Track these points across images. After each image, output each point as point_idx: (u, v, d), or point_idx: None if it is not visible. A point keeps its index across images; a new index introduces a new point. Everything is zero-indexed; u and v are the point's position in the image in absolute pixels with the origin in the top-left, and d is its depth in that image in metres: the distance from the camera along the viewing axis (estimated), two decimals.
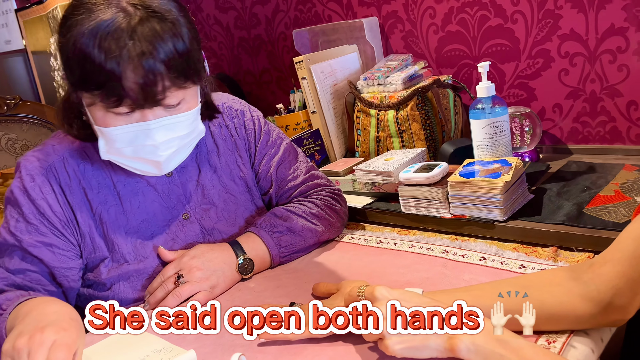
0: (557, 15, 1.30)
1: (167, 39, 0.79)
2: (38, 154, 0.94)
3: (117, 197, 0.95)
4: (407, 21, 1.55)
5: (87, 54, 0.77)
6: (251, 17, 1.95)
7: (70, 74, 0.81)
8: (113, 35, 0.76)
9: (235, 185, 1.06)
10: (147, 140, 0.85)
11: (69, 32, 0.79)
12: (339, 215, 1.10)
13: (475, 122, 1.14)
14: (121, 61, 0.76)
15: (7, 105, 1.51)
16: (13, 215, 0.91)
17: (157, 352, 0.77)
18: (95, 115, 0.84)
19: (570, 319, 0.68)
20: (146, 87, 0.79)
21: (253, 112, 1.12)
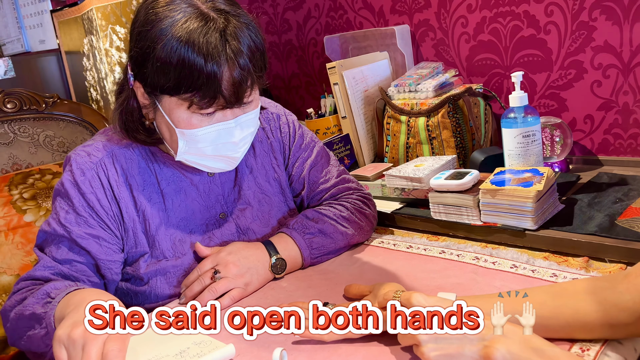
0: (592, 27, 1.30)
1: (249, 37, 0.85)
2: (88, 149, 0.97)
3: (160, 195, 0.98)
4: (439, 29, 1.56)
5: (186, 60, 0.81)
6: (283, 22, 1.98)
7: (162, 81, 0.84)
8: (208, 40, 0.81)
9: (269, 187, 1.09)
10: (229, 138, 0.90)
11: (158, 40, 0.82)
12: (368, 219, 1.11)
13: (507, 131, 1.15)
14: (221, 62, 0.81)
15: (46, 103, 1.55)
16: (63, 207, 0.94)
17: (197, 344, 0.79)
18: (178, 118, 0.87)
19: (605, 327, 0.68)
20: (239, 85, 0.84)
21: (288, 115, 1.15)
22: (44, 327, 0.81)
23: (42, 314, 0.82)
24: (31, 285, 0.90)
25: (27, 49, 3.22)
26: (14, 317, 0.87)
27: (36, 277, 0.91)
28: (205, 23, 0.82)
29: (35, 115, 1.53)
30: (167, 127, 0.91)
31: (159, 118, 0.92)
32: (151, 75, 0.85)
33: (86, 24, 2.33)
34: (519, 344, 0.63)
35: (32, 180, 1.43)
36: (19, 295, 0.89)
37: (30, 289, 0.89)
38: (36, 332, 0.83)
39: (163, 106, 0.88)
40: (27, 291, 0.88)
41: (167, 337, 0.82)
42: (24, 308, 0.85)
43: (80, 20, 2.40)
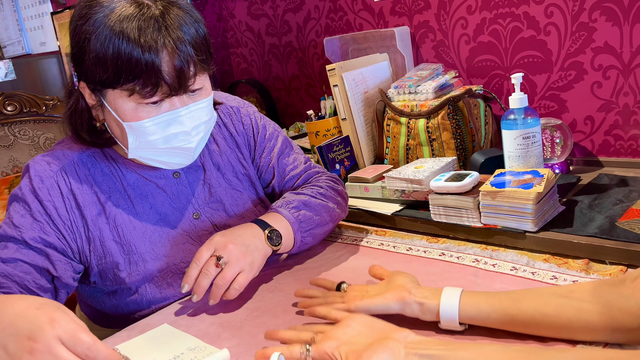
0: (592, 28, 1.30)
1: (190, 24, 0.85)
2: (48, 158, 0.95)
3: (128, 200, 0.97)
4: (439, 31, 1.56)
5: (121, 50, 0.80)
6: (282, 24, 1.98)
7: (100, 73, 0.83)
8: (143, 28, 0.80)
9: (239, 182, 1.09)
10: (179, 127, 0.88)
11: (92, 32, 0.81)
12: (342, 196, 1.14)
13: (507, 132, 1.14)
14: (158, 49, 0.81)
15: (46, 105, 1.55)
16: (18, 211, 0.90)
17: (192, 350, 0.79)
18: (125, 111, 0.85)
19: (607, 330, 0.68)
20: (181, 72, 0.83)
21: (248, 107, 1.14)
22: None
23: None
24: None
25: (27, 51, 3.22)
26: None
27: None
28: (140, 10, 0.81)
29: (35, 117, 1.53)
30: (116, 124, 0.89)
31: (107, 116, 0.90)
32: (90, 69, 0.83)
33: None
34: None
35: None
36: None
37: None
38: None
39: (108, 101, 0.87)
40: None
41: (161, 343, 0.82)
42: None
43: None
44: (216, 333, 0.86)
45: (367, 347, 0.66)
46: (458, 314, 0.74)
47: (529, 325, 0.71)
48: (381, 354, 0.64)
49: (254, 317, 0.89)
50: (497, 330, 0.74)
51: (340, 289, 0.88)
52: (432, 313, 0.76)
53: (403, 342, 0.66)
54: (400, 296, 0.78)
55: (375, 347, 0.65)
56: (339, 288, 0.89)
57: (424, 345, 0.65)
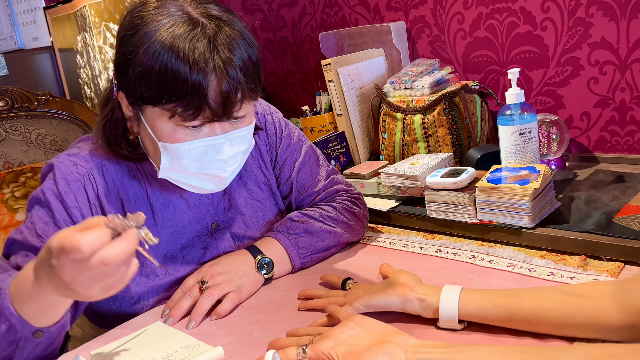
0: (588, 23, 1.29)
1: (243, 47, 0.79)
2: (75, 159, 0.90)
3: (150, 209, 0.93)
4: (435, 26, 1.55)
5: (169, 67, 0.75)
6: (277, 19, 1.97)
7: (142, 88, 0.78)
8: (194, 47, 0.75)
9: (260, 192, 1.06)
10: (216, 155, 0.83)
11: (140, 45, 0.77)
12: (358, 219, 1.09)
13: (503, 128, 1.14)
14: (207, 71, 0.76)
15: (38, 100, 1.54)
16: (41, 217, 0.85)
17: (185, 348, 0.78)
18: (162, 130, 0.81)
19: (608, 326, 0.67)
20: (228, 98, 0.78)
21: (274, 113, 1.10)
22: (2, 321, 0.70)
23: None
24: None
25: (20, 46, 3.19)
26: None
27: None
28: (193, 28, 0.77)
29: (27, 113, 1.52)
30: (151, 141, 0.85)
31: (143, 131, 0.86)
32: (132, 82, 0.79)
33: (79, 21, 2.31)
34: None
35: (24, 179, 1.41)
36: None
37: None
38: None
39: (146, 117, 0.82)
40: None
41: (154, 340, 0.81)
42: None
43: (74, 17, 2.38)
44: (210, 331, 0.85)
45: (365, 349, 0.65)
46: (458, 311, 0.74)
47: (529, 320, 0.71)
48: (381, 357, 0.64)
49: (249, 314, 0.88)
50: (497, 330, 0.74)
51: (346, 286, 0.88)
52: (432, 309, 0.76)
53: (403, 346, 0.65)
54: (401, 292, 0.78)
55: (375, 349, 0.65)
56: (344, 284, 0.89)
57: (424, 349, 0.65)
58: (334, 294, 0.87)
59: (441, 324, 0.76)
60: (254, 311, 0.89)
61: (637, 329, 0.66)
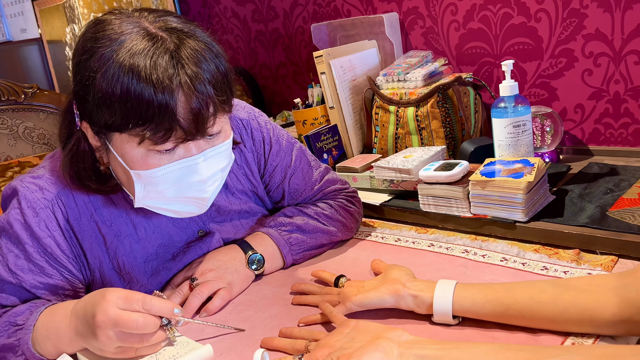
0: (583, 14, 1.28)
1: (210, 59, 0.74)
2: (40, 182, 0.84)
3: (131, 226, 0.89)
4: (428, 17, 1.53)
5: (131, 90, 0.70)
6: (269, 10, 1.94)
7: (106, 115, 0.73)
8: (156, 64, 0.70)
9: (248, 198, 1.03)
10: (194, 177, 0.78)
11: (97, 70, 0.71)
12: (353, 217, 1.08)
13: (497, 120, 1.12)
14: (173, 89, 0.70)
15: (25, 94, 1.51)
16: (12, 250, 0.82)
17: (174, 346, 0.77)
18: (132, 158, 0.76)
19: (603, 321, 0.66)
20: (199, 114, 0.73)
21: (259, 117, 1.03)
22: (19, 354, 0.76)
23: (14, 342, 0.76)
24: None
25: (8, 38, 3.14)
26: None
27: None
28: (153, 44, 0.71)
29: (14, 106, 1.49)
30: (123, 170, 0.79)
31: (113, 161, 0.80)
32: (94, 110, 0.73)
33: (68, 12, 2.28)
34: None
35: (12, 173, 1.39)
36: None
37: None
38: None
39: (114, 146, 0.77)
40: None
41: None
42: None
43: (62, 8, 2.34)
44: (199, 328, 0.83)
45: (359, 348, 0.64)
46: (452, 306, 0.73)
47: (524, 315, 0.70)
48: (373, 352, 0.63)
49: (239, 311, 0.87)
50: (490, 325, 0.73)
51: (339, 283, 0.87)
52: (426, 305, 0.75)
53: (397, 341, 0.65)
54: (394, 289, 0.77)
55: (367, 346, 0.64)
56: (338, 281, 0.87)
57: (419, 344, 0.64)
58: (328, 292, 0.86)
59: (435, 319, 0.75)
60: (244, 308, 0.88)
61: (632, 323, 0.65)
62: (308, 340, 0.73)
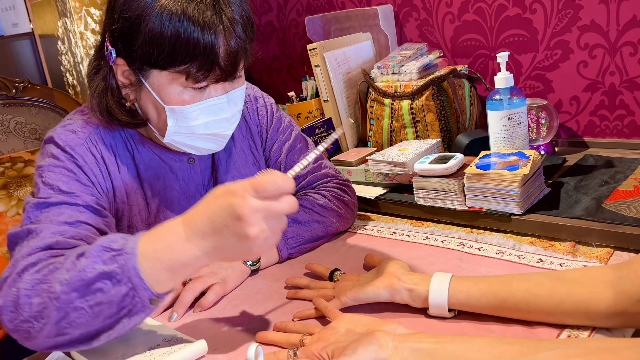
0: (578, 5, 1.27)
1: (239, 5, 0.81)
2: (72, 127, 0.89)
3: (139, 181, 0.93)
4: (423, 9, 1.52)
5: (180, 30, 0.76)
6: (263, 3, 1.93)
7: (154, 53, 0.78)
8: (202, 8, 0.76)
9: (249, 172, 1.05)
10: (221, 114, 0.85)
11: (146, 9, 0.77)
12: (348, 207, 1.08)
13: (492, 113, 1.12)
14: (218, 32, 0.77)
15: (16, 88, 1.49)
16: (60, 178, 0.83)
17: (167, 341, 0.76)
18: (169, 94, 0.82)
19: (598, 313, 0.66)
20: (236, 56, 0.80)
21: (265, 97, 1.11)
22: (123, 283, 0.65)
23: (115, 269, 0.65)
24: (49, 258, 0.72)
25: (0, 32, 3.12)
26: (48, 293, 0.67)
27: (48, 246, 0.74)
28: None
29: (5, 101, 1.47)
30: (155, 106, 0.85)
31: (145, 97, 0.85)
32: (141, 48, 0.79)
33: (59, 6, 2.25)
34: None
35: (3, 169, 1.38)
36: (37, 273, 0.69)
37: (51, 261, 0.71)
38: (109, 293, 0.66)
39: (151, 83, 0.82)
40: (49, 264, 0.70)
41: (136, 333, 0.79)
42: (76, 273, 0.66)
43: (54, 2, 2.32)
44: (193, 323, 0.83)
45: (353, 341, 0.64)
46: (447, 300, 0.73)
47: (519, 308, 0.70)
48: (367, 345, 0.62)
49: (233, 305, 0.86)
50: (485, 318, 0.72)
51: (333, 277, 0.86)
52: (421, 299, 0.75)
53: (392, 334, 0.64)
54: (389, 283, 0.77)
55: (362, 340, 0.64)
56: (332, 275, 0.87)
57: (415, 338, 0.64)
58: (322, 286, 0.86)
59: (431, 313, 0.75)
60: (239, 302, 0.87)
61: (628, 315, 0.65)
62: (303, 335, 0.72)
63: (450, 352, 0.61)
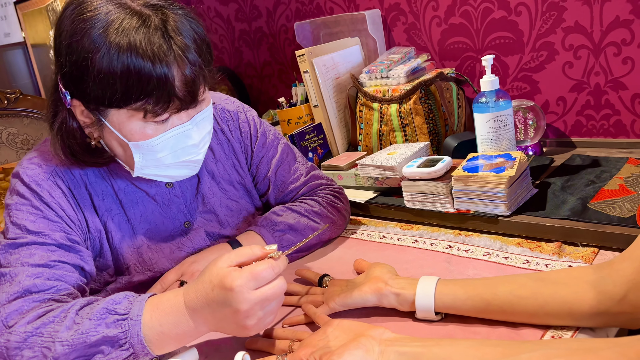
0: (562, 7, 1.28)
1: (191, 29, 0.79)
2: (37, 160, 0.87)
3: (119, 206, 0.92)
4: (410, 13, 1.53)
5: (131, 67, 0.73)
6: (252, 9, 1.94)
7: (106, 93, 0.75)
8: (150, 40, 0.73)
9: (235, 191, 1.04)
10: (188, 141, 0.83)
11: (93, 49, 0.74)
12: (341, 214, 1.09)
13: (479, 115, 1.13)
14: (170, 62, 0.74)
15: (8, 99, 1.50)
16: (27, 217, 0.82)
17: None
18: (131, 130, 0.79)
19: (581, 313, 0.67)
20: (193, 84, 0.78)
21: (247, 112, 1.08)
22: (125, 348, 0.68)
23: (119, 334, 0.68)
24: (32, 304, 0.73)
25: None
26: (43, 349, 0.68)
27: (26, 290, 0.74)
28: (143, 22, 0.74)
29: None
30: (119, 143, 0.82)
31: (107, 135, 0.82)
32: (93, 89, 0.76)
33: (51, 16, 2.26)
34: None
35: None
36: (27, 325, 0.70)
37: (39, 312, 0.72)
38: (110, 356, 0.68)
39: (111, 121, 0.80)
40: (38, 315, 0.71)
41: None
42: (78, 336, 0.68)
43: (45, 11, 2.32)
44: None
45: (340, 346, 0.65)
46: (434, 303, 0.74)
47: (504, 309, 0.71)
48: (353, 350, 0.63)
49: None
50: (472, 321, 0.74)
51: (323, 283, 0.88)
52: (408, 303, 0.76)
53: (378, 339, 0.65)
54: (376, 288, 0.78)
55: (349, 344, 0.65)
56: (322, 280, 0.88)
57: (401, 342, 0.65)
58: (312, 292, 0.87)
59: (418, 316, 0.76)
60: None
61: (610, 315, 0.66)
62: (291, 340, 0.73)
63: (435, 355, 0.62)
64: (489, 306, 0.72)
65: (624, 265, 0.65)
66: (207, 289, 0.68)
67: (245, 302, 0.66)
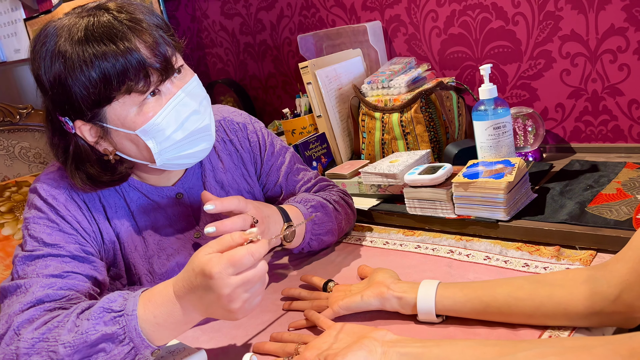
0: (558, 16, 1.31)
1: (146, 12, 0.83)
2: (52, 175, 0.90)
3: (131, 217, 0.94)
4: (410, 24, 1.57)
5: (97, 55, 0.76)
6: (256, 22, 1.98)
7: (92, 95, 0.79)
8: (102, 24, 0.78)
9: None
10: (187, 109, 0.85)
11: (65, 67, 0.78)
12: (352, 210, 1.14)
13: (478, 123, 1.16)
14: (126, 35, 0.78)
15: (20, 114, 1.54)
16: (43, 230, 0.85)
17: (171, 352, 0.80)
18: (130, 119, 0.82)
19: (577, 314, 0.70)
20: (159, 46, 0.80)
21: (255, 123, 1.11)
22: (125, 343, 0.71)
23: (117, 331, 0.71)
24: (43, 312, 0.76)
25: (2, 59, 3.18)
26: (49, 353, 0.71)
27: (39, 300, 0.77)
28: (90, 16, 0.79)
29: (9, 127, 1.52)
30: (130, 140, 0.84)
31: (117, 139, 0.85)
32: (81, 100, 0.79)
33: None
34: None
35: (9, 193, 1.42)
36: (35, 331, 0.73)
37: (46, 318, 0.75)
38: (112, 353, 0.70)
39: (111, 121, 0.82)
40: (45, 321, 0.74)
41: None
42: (78, 336, 0.70)
43: None
44: (195, 336, 0.86)
45: (344, 348, 0.68)
46: (435, 306, 0.76)
47: (502, 311, 0.73)
48: (357, 351, 0.66)
49: None
50: (472, 323, 0.76)
51: (327, 288, 0.90)
52: (410, 306, 0.78)
53: (380, 340, 0.68)
54: (379, 292, 0.80)
55: (352, 346, 0.67)
56: (326, 286, 0.91)
57: (402, 343, 0.67)
58: (317, 296, 0.89)
59: (420, 319, 0.79)
60: None
61: (605, 315, 0.68)
62: (298, 344, 0.76)
63: (435, 355, 0.65)
64: (488, 308, 0.74)
65: (618, 266, 0.68)
66: (192, 277, 0.70)
67: (226, 287, 0.67)
